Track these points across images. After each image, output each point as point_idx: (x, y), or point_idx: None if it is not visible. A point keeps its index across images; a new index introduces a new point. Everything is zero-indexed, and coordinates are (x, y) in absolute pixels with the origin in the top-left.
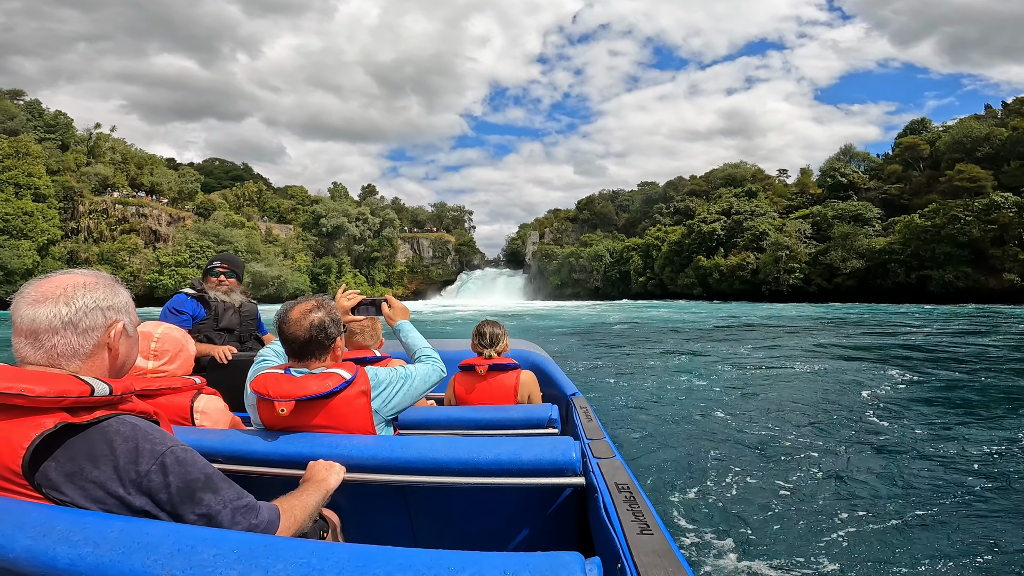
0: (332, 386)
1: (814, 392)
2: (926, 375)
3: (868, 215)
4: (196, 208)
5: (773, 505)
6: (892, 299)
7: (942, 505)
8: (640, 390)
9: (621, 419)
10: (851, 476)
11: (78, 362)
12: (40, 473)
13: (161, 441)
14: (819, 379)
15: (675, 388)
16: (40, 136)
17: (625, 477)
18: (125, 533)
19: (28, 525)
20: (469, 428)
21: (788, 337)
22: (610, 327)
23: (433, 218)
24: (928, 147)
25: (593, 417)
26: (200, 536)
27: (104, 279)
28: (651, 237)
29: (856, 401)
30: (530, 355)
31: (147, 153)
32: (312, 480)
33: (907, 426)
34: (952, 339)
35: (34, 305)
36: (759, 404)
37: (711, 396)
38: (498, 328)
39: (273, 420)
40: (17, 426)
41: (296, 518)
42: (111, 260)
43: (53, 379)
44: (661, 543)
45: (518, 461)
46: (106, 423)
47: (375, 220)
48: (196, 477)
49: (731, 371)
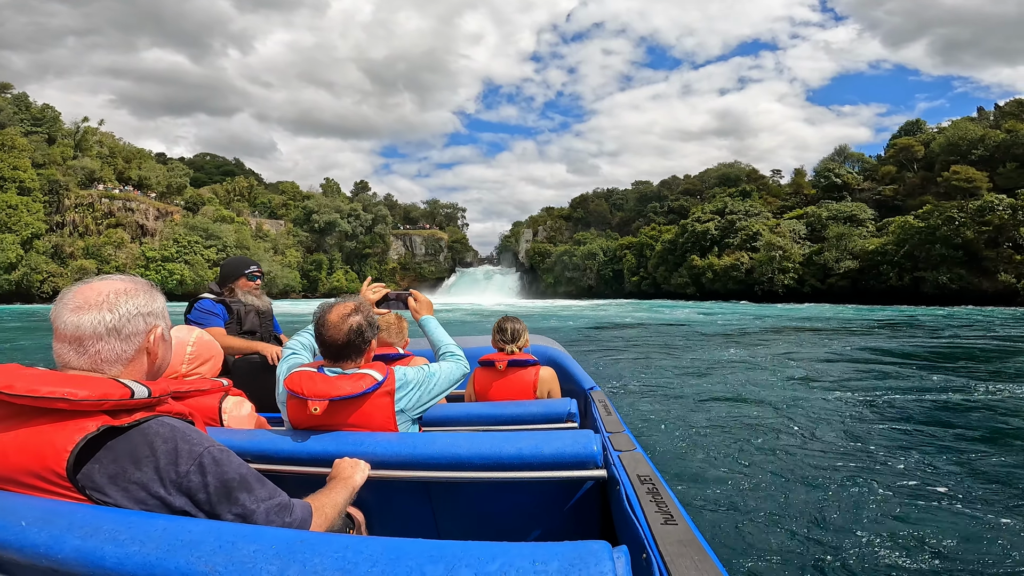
0: (365, 387)
1: (842, 393)
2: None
3: (862, 216)
4: (185, 203)
5: (800, 500)
6: (885, 300)
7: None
8: (658, 386)
9: (640, 413)
10: (880, 473)
11: (120, 367)
12: (83, 475)
13: (199, 442)
14: (848, 381)
15: (695, 385)
16: (27, 130)
17: (647, 469)
18: (168, 531)
19: (75, 526)
20: (489, 424)
21: (810, 337)
22: (620, 326)
23: (426, 215)
24: (922, 148)
25: (612, 411)
26: (240, 533)
27: (143, 285)
28: (645, 236)
29: (890, 403)
30: (548, 350)
31: (135, 147)
32: (339, 478)
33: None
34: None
35: (77, 312)
36: (782, 402)
37: (731, 393)
38: (518, 324)
39: (304, 418)
40: (61, 429)
41: (327, 515)
42: (96, 254)
43: (94, 383)
44: (686, 533)
45: (540, 455)
46: (146, 425)
47: (367, 216)
48: (232, 477)
49: (751, 370)
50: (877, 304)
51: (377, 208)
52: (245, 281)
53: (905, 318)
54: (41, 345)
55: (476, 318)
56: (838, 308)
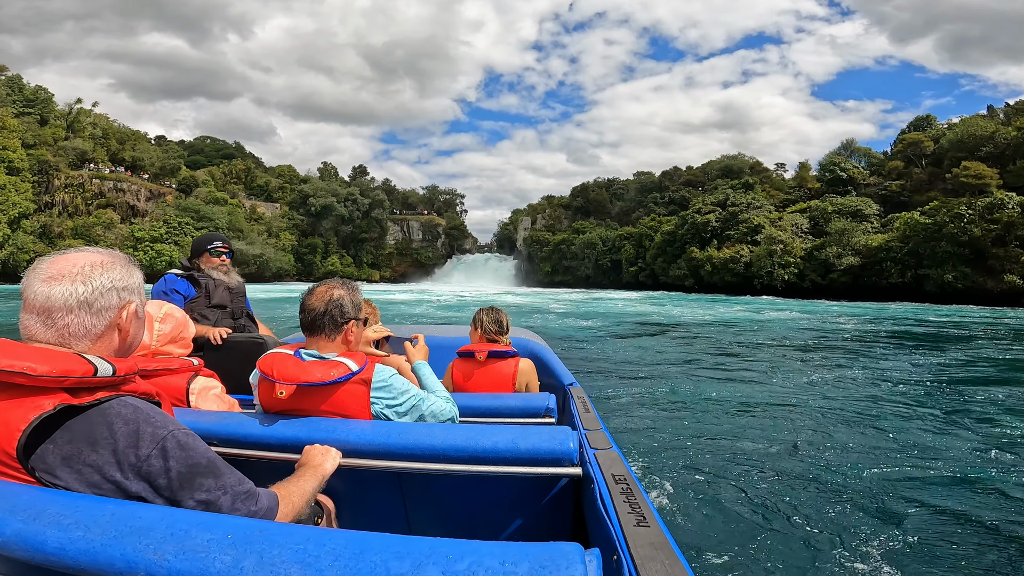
0: (336, 376)
1: (825, 393)
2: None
3: (867, 211)
4: (178, 184)
5: (770, 502)
6: (886, 298)
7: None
8: (639, 385)
9: (618, 411)
10: (852, 475)
11: (88, 342)
12: (36, 456)
13: (163, 424)
14: (833, 379)
15: (675, 384)
16: (18, 111)
17: (622, 469)
18: (117, 517)
19: (18, 508)
20: (465, 415)
21: (804, 335)
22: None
23: (424, 201)
24: (932, 144)
25: (591, 408)
26: (194, 520)
27: (120, 259)
28: (644, 227)
29: (866, 400)
30: (528, 343)
31: (130, 129)
32: (308, 465)
33: (910, 423)
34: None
35: (49, 282)
36: (762, 402)
37: (713, 393)
38: (502, 315)
39: (272, 402)
40: (16, 407)
41: (294, 504)
42: (85, 235)
43: (57, 357)
44: (658, 535)
45: (515, 450)
46: (107, 404)
47: (364, 201)
48: (198, 462)
49: (734, 367)
50: (878, 301)
51: (375, 193)
52: (208, 257)
53: (909, 316)
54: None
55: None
56: (840, 305)
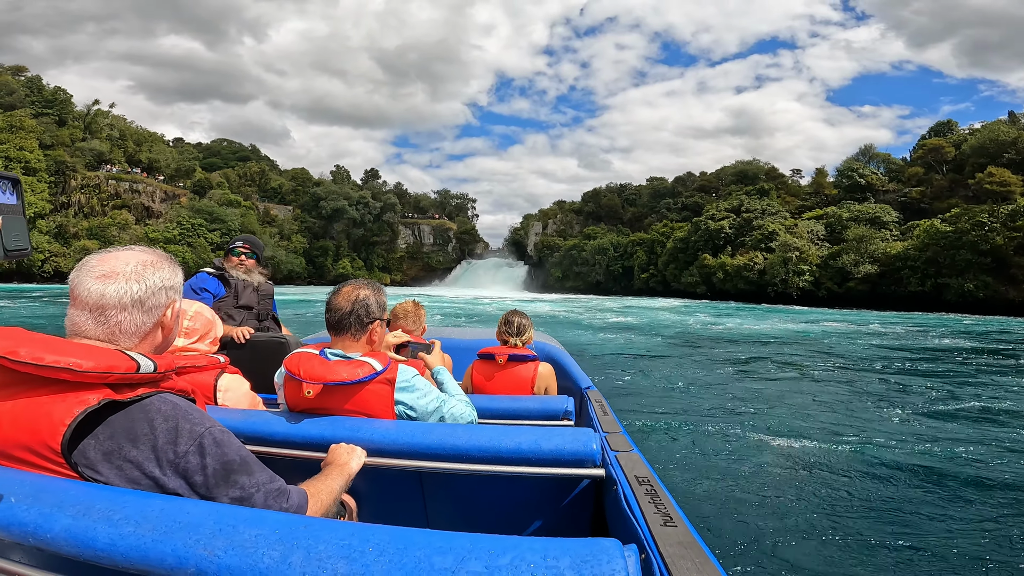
0: (362, 375)
1: (850, 401)
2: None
3: (886, 218)
4: (193, 186)
5: (798, 505)
6: (905, 307)
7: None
8: (656, 388)
9: (635, 414)
10: (886, 481)
11: (136, 339)
12: (78, 451)
13: (200, 421)
14: (856, 388)
15: (694, 390)
16: (37, 111)
17: (644, 470)
18: (166, 512)
19: (67, 504)
20: (485, 416)
21: (818, 342)
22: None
23: (436, 205)
24: (953, 150)
25: (609, 411)
26: (241, 516)
27: (165, 258)
28: (656, 233)
29: (890, 410)
30: (546, 347)
31: (147, 130)
32: (335, 464)
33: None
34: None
35: (103, 280)
36: (785, 408)
37: (731, 400)
38: (525, 319)
39: (299, 400)
40: (60, 401)
41: (323, 502)
42: (100, 235)
43: (101, 353)
44: (686, 535)
45: (538, 451)
46: (148, 401)
47: (376, 204)
48: (232, 459)
49: (754, 373)
50: (896, 310)
51: (386, 196)
52: (230, 257)
53: (935, 324)
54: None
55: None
56: (861, 314)
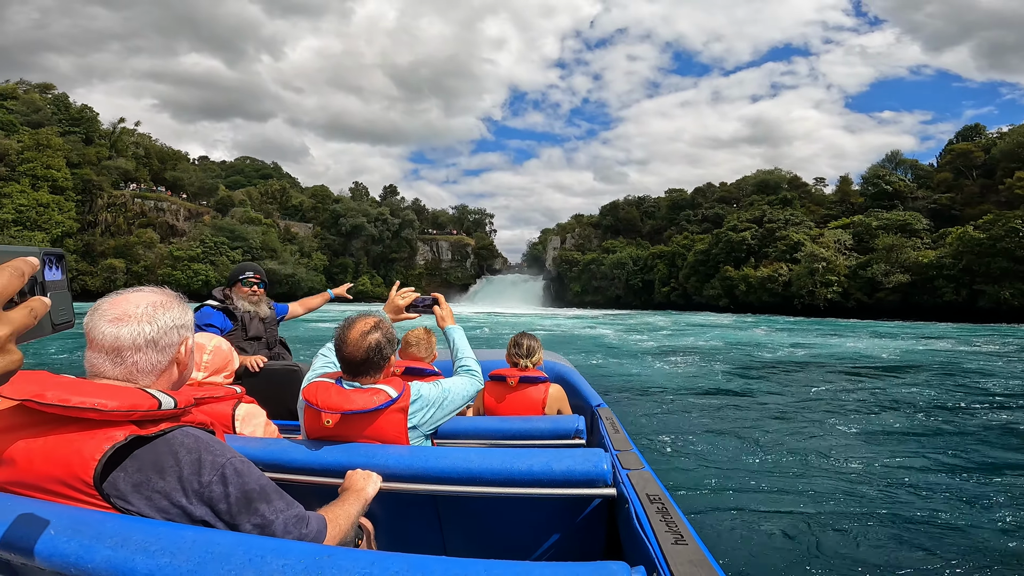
0: (378, 403)
1: (868, 418)
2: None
3: (917, 226)
4: (216, 204)
5: (807, 526)
6: (938, 317)
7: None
8: (666, 405)
9: (647, 431)
10: (903, 513)
11: (153, 377)
12: (109, 483)
13: (221, 453)
14: (876, 407)
15: (707, 407)
16: (64, 129)
17: (656, 488)
18: (198, 544)
19: (105, 535)
20: (498, 438)
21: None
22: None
23: (454, 220)
24: (983, 154)
25: (620, 429)
26: (268, 547)
27: (174, 297)
28: (677, 245)
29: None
30: (556, 366)
31: (172, 149)
32: (352, 489)
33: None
34: None
35: (116, 323)
36: (799, 427)
37: (746, 417)
38: (534, 341)
39: (318, 428)
40: (89, 438)
41: (341, 528)
42: (126, 254)
43: (124, 393)
44: (697, 553)
45: (550, 472)
46: (171, 435)
47: (395, 221)
48: (253, 488)
49: (773, 394)
50: (928, 320)
51: (405, 213)
52: (240, 287)
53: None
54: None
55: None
56: (895, 325)
